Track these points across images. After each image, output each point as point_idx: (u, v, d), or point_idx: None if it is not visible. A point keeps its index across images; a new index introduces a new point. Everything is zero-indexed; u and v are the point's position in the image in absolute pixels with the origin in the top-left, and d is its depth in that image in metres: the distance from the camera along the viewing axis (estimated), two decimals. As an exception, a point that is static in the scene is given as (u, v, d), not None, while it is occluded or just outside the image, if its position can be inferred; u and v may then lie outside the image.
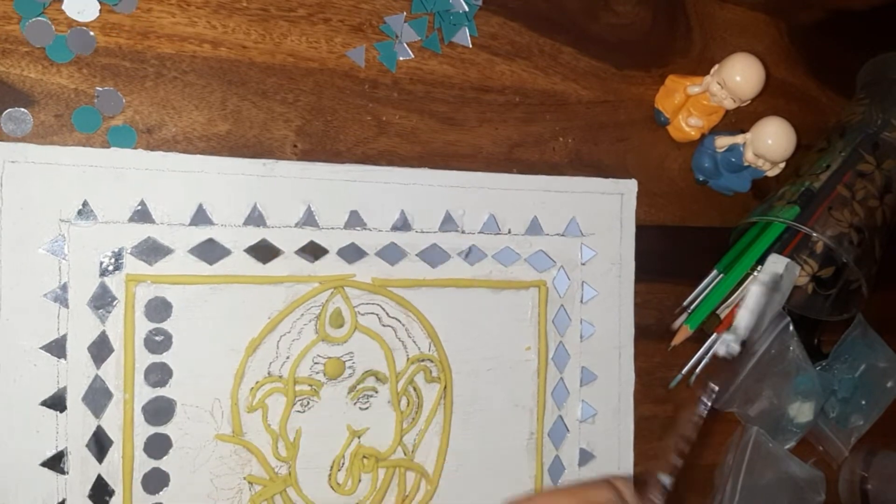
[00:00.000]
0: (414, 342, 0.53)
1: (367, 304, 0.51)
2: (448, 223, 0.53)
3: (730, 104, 0.61)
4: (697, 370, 0.62)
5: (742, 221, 0.64)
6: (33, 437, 0.44)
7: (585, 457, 0.58)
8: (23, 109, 0.44)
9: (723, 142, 0.62)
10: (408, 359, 0.53)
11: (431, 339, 0.53)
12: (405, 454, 0.53)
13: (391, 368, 0.52)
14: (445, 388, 0.54)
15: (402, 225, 0.52)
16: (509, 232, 0.55)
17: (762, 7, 0.68)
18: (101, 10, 0.45)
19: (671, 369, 0.62)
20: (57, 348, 0.44)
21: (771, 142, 0.60)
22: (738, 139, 0.61)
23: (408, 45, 0.53)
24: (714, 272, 0.63)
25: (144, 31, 0.47)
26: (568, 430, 0.57)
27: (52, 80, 0.45)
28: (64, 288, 0.45)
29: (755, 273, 0.62)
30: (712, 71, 0.61)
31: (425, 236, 0.53)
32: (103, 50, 0.46)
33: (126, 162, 0.46)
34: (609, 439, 0.59)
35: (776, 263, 0.61)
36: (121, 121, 0.46)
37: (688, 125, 0.62)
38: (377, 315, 0.52)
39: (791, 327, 0.63)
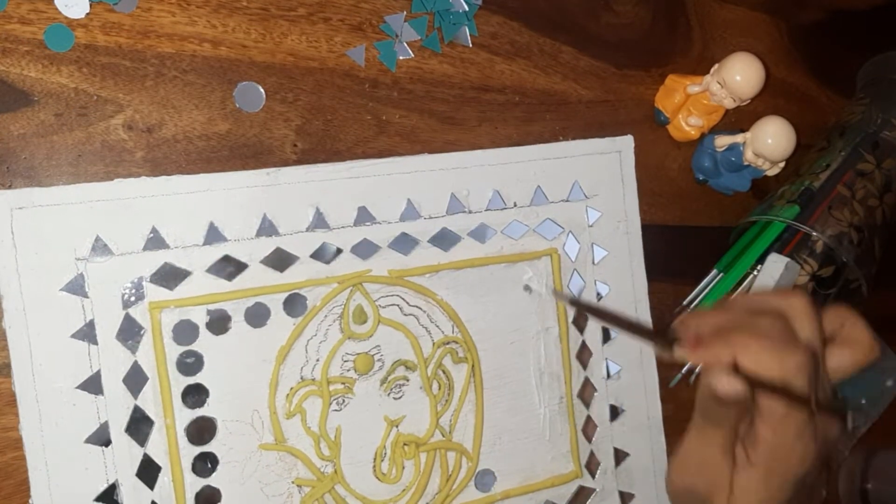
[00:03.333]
0: (437, 327, 0.53)
1: (387, 296, 0.52)
2: (454, 205, 0.53)
3: (730, 104, 0.61)
4: (697, 369, 0.62)
5: (742, 221, 0.64)
6: (83, 474, 0.44)
7: (615, 412, 0.59)
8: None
9: (723, 141, 0.62)
10: (433, 344, 0.53)
11: (453, 321, 0.54)
12: (443, 436, 0.53)
13: (419, 355, 0.52)
14: (473, 366, 0.54)
15: (411, 214, 0.52)
16: (515, 205, 0.55)
17: (762, 7, 0.68)
18: (91, 6, 0.45)
19: (671, 368, 0.62)
20: (93, 385, 0.45)
21: (771, 141, 0.60)
22: (738, 139, 0.61)
23: (408, 44, 0.53)
24: (714, 272, 0.63)
25: (144, 31, 0.47)
26: (596, 390, 0.58)
27: (52, 79, 0.45)
28: (90, 325, 0.45)
29: (755, 272, 0.62)
30: (712, 70, 0.61)
31: (434, 221, 0.53)
32: (103, 49, 0.46)
33: (132, 192, 0.45)
34: (636, 392, 0.59)
35: (776, 263, 0.61)
36: (123, 115, 0.46)
37: (688, 125, 0.62)
38: (398, 306, 0.52)
39: (791, 327, 0.63)
